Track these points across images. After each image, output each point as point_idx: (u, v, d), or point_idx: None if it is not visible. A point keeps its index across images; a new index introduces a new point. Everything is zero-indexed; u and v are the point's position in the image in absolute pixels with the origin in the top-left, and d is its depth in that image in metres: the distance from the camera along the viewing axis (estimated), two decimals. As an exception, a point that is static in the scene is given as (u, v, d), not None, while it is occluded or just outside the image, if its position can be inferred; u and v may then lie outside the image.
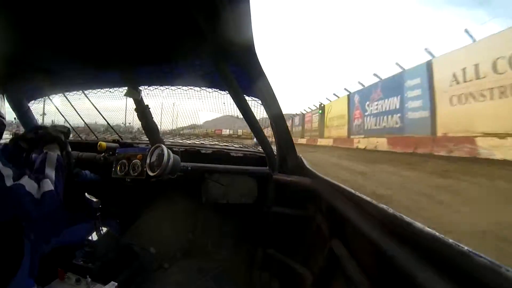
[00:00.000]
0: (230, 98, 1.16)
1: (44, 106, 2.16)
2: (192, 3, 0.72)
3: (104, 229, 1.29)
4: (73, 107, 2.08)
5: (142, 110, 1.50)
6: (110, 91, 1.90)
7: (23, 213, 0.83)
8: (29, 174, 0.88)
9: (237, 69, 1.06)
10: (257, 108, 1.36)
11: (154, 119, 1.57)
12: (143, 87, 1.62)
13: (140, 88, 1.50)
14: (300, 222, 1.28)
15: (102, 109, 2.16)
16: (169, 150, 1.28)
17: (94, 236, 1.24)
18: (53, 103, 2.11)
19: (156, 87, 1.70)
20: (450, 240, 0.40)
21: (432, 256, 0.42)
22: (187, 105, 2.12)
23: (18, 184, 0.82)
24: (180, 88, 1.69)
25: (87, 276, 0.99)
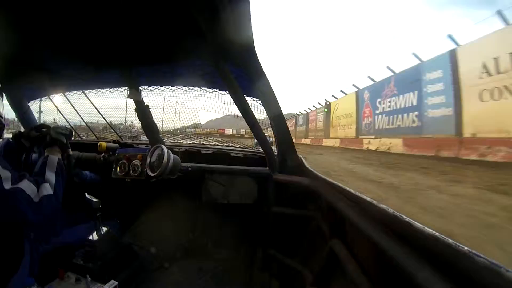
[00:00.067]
0: (230, 98, 1.17)
1: (42, 105, 2.15)
2: (192, 3, 0.72)
3: (104, 229, 1.29)
4: (73, 107, 2.08)
5: (142, 110, 1.50)
6: (110, 91, 1.90)
7: (21, 216, 0.83)
8: (29, 177, 0.87)
9: (237, 69, 1.06)
10: (257, 108, 1.37)
11: (156, 118, 1.57)
12: (143, 87, 1.62)
13: (140, 88, 1.50)
14: (300, 222, 1.28)
15: (102, 109, 2.16)
16: (169, 151, 1.28)
17: (94, 236, 1.24)
18: (53, 103, 2.11)
19: (156, 87, 1.70)
20: (450, 240, 0.40)
21: (432, 256, 0.42)
22: (190, 105, 2.13)
23: (17, 188, 0.81)
24: (180, 88, 1.70)
25: (87, 276, 0.99)
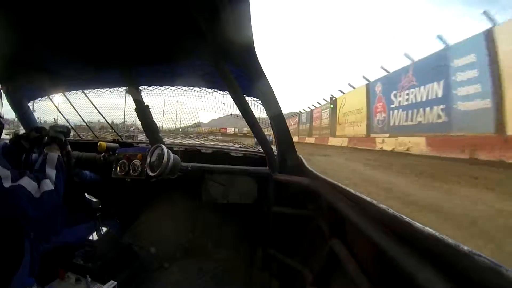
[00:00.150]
0: (230, 98, 1.17)
1: (41, 105, 2.15)
2: (192, 3, 0.72)
3: (104, 229, 1.29)
4: (73, 107, 2.08)
5: (142, 110, 1.50)
6: (110, 91, 1.90)
7: (22, 213, 0.83)
8: (29, 174, 0.88)
9: (237, 69, 1.06)
10: (257, 108, 1.37)
11: (156, 118, 1.57)
12: (143, 87, 1.62)
13: (140, 88, 1.50)
14: (300, 222, 1.27)
15: (101, 108, 2.16)
16: (169, 150, 1.28)
17: (94, 236, 1.24)
18: (53, 103, 2.11)
19: (156, 87, 1.70)
20: (450, 240, 0.40)
21: (432, 256, 0.42)
22: (192, 104, 2.12)
23: (17, 185, 0.82)
24: (180, 88, 1.70)
25: (87, 276, 0.99)
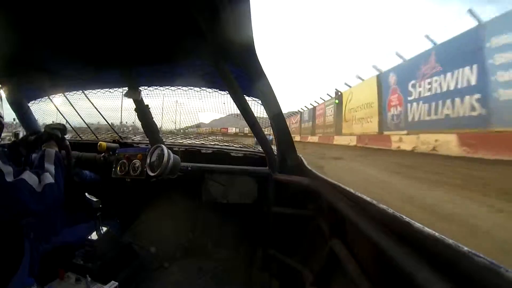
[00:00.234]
0: (230, 98, 1.17)
1: (40, 106, 2.14)
2: (192, 3, 0.72)
3: (104, 229, 1.29)
4: (73, 107, 2.08)
5: (142, 110, 1.50)
6: (110, 91, 1.90)
7: (24, 207, 0.83)
8: (30, 170, 0.89)
9: (237, 69, 1.06)
10: (257, 108, 1.37)
11: (156, 118, 1.57)
12: (143, 87, 1.62)
13: (140, 88, 1.50)
14: (300, 222, 1.27)
15: (99, 109, 2.15)
16: (169, 150, 1.28)
17: (94, 236, 1.24)
18: (54, 103, 2.11)
19: (156, 87, 1.70)
20: (450, 241, 0.40)
21: (432, 256, 0.42)
22: (194, 105, 2.12)
23: (19, 179, 0.83)
24: (180, 89, 1.70)
25: (87, 276, 0.99)
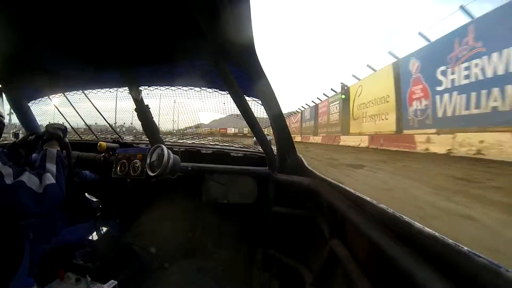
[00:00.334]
0: (230, 98, 1.17)
1: (37, 108, 2.14)
2: (192, 3, 0.72)
3: (104, 229, 1.29)
4: (74, 107, 2.08)
5: (142, 110, 1.50)
6: (110, 91, 1.90)
7: (25, 209, 0.83)
8: (30, 171, 0.88)
9: (237, 69, 1.06)
10: (257, 108, 1.37)
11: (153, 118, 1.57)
12: (143, 87, 1.62)
13: (140, 88, 1.50)
14: (300, 222, 1.27)
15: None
16: (169, 150, 1.28)
17: (94, 236, 1.24)
18: (54, 104, 2.11)
19: (156, 87, 1.71)
20: (450, 241, 0.40)
21: (432, 256, 0.42)
22: (193, 105, 2.12)
23: (19, 181, 0.82)
24: (180, 89, 1.70)
25: (87, 276, 0.99)
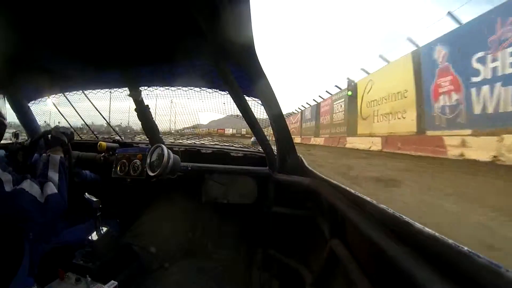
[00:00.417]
0: (230, 98, 1.17)
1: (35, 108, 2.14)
2: (192, 3, 0.72)
3: (104, 229, 1.29)
4: (74, 107, 2.08)
5: (142, 110, 1.50)
6: (110, 91, 1.90)
7: (27, 216, 0.82)
8: (31, 178, 0.86)
9: (237, 69, 1.06)
10: (257, 108, 1.37)
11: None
12: (143, 87, 1.62)
13: (140, 88, 1.50)
14: (300, 222, 1.27)
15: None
16: (169, 150, 1.28)
17: (94, 236, 1.24)
18: (54, 104, 2.11)
19: (156, 88, 1.71)
20: (450, 241, 0.40)
21: (432, 256, 0.42)
22: (192, 105, 2.12)
23: (19, 189, 0.81)
24: (180, 89, 1.70)
25: (87, 276, 0.99)
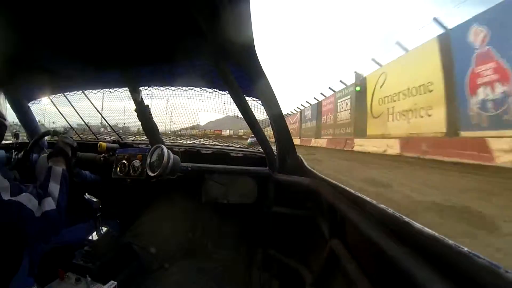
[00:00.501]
0: (230, 98, 1.17)
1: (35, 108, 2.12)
2: (192, 3, 0.72)
3: (104, 229, 1.29)
4: (74, 107, 2.08)
5: (142, 111, 1.50)
6: (110, 91, 1.90)
7: (21, 231, 0.81)
8: (30, 190, 0.84)
9: (237, 69, 1.06)
10: (257, 108, 1.37)
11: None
12: (143, 87, 1.62)
13: (140, 88, 1.50)
14: (300, 222, 1.27)
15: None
16: (169, 151, 1.28)
17: (94, 236, 1.24)
18: (54, 104, 2.11)
19: (156, 88, 1.71)
20: (450, 241, 0.40)
21: (432, 257, 0.42)
22: (189, 106, 2.11)
23: (16, 202, 0.79)
24: (180, 89, 1.70)
25: (87, 276, 0.99)
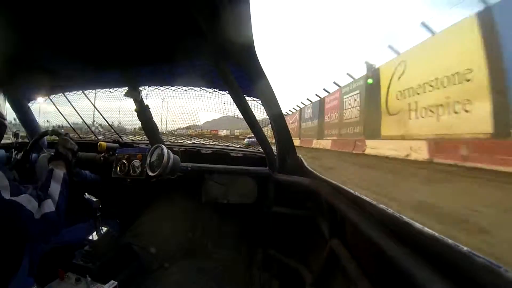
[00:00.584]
0: (230, 98, 1.17)
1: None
2: (192, 3, 0.72)
3: (104, 229, 1.29)
4: (74, 107, 2.09)
5: (142, 110, 1.50)
6: (110, 91, 1.90)
7: (21, 231, 0.82)
8: (30, 192, 0.85)
9: (237, 69, 1.06)
10: (257, 108, 1.37)
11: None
12: (143, 87, 1.62)
13: (140, 88, 1.50)
14: (300, 222, 1.28)
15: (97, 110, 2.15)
16: (169, 150, 1.28)
17: (94, 236, 1.24)
18: (54, 104, 2.11)
19: (156, 87, 1.71)
20: (450, 241, 0.40)
21: (432, 256, 0.42)
22: (188, 106, 2.11)
23: (16, 202, 0.79)
24: (180, 88, 1.70)
25: (87, 276, 0.99)
